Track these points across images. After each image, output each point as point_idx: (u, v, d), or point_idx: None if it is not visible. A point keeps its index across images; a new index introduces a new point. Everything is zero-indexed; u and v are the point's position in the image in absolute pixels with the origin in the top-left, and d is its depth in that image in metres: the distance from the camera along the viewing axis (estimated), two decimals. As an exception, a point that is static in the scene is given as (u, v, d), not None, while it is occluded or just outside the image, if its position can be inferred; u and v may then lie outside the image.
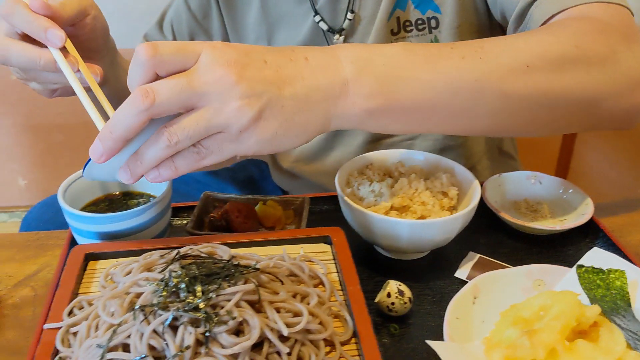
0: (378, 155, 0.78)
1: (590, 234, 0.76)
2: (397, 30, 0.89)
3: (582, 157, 1.79)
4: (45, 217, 1.02)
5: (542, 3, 0.72)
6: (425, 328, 0.63)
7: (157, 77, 0.54)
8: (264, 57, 0.56)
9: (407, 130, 0.64)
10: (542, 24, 0.70)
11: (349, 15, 0.89)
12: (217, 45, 0.55)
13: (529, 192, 0.83)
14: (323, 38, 0.92)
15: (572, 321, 0.53)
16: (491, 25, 0.89)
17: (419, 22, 0.88)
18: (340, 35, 0.91)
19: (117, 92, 0.82)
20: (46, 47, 0.65)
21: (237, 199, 0.78)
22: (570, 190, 0.81)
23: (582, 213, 0.77)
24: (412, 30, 0.88)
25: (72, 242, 0.71)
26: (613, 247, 0.73)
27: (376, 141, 0.97)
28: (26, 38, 0.66)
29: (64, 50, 0.65)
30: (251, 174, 1.24)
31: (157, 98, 0.52)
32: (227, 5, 0.99)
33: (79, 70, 0.66)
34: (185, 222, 0.79)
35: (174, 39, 1.02)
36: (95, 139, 0.56)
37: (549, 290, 0.62)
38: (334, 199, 0.80)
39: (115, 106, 0.59)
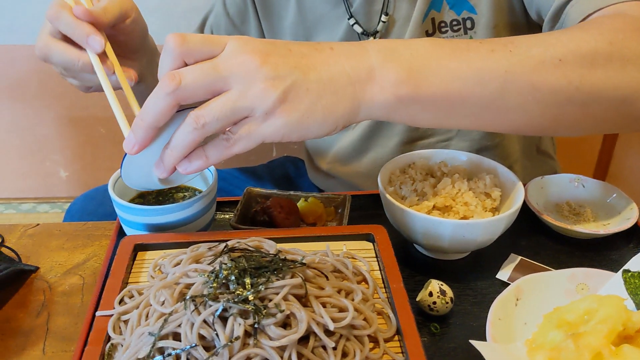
0: (420, 155, 0.78)
1: (634, 239, 0.76)
2: (432, 31, 0.88)
3: (622, 160, 1.76)
4: (88, 209, 1.05)
5: (578, 2, 0.70)
6: (466, 328, 0.63)
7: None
8: (288, 46, 0.57)
9: (435, 123, 0.64)
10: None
11: (383, 18, 0.89)
12: (242, 37, 0.56)
13: (571, 195, 0.82)
14: (358, 41, 0.92)
15: (619, 326, 0.53)
16: (529, 25, 0.88)
17: (454, 22, 0.88)
18: (375, 38, 0.91)
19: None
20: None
21: (279, 195, 0.79)
22: (614, 195, 0.80)
23: (626, 218, 0.76)
24: (447, 31, 0.88)
25: (120, 233, 0.73)
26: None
27: (412, 142, 0.97)
28: (68, 38, 0.68)
29: (102, 54, 0.68)
30: (287, 171, 1.25)
31: (183, 81, 0.53)
32: (264, 9, 1.00)
33: (114, 74, 0.68)
34: (227, 216, 0.81)
35: None
36: (129, 132, 0.58)
37: (592, 294, 0.62)
38: (373, 197, 0.81)
39: None
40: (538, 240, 0.76)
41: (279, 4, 0.98)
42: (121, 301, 0.57)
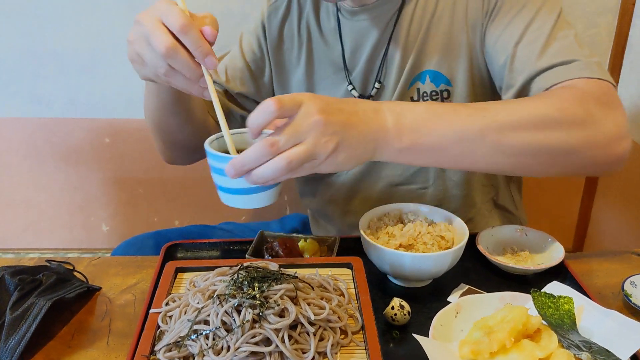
0: (394, 207, 1.01)
1: (560, 275, 0.96)
2: (416, 97, 1.11)
3: (598, 224, 1.95)
4: (130, 253, 1.28)
5: (540, 80, 0.95)
6: (420, 334, 0.83)
7: None
8: (340, 106, 0.79)
9: (427, 164, 0.88)
10: None
11: (377, 85, 1.11)
12: (310, 97, 0.75)
13: (515, 242, 1.04)
14: None
15: (519, 325, 0.74)
16: (496, 93, 1.11)
17: (433, 93, 1.10)
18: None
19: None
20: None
21: (284, 236, 1.02)
22: (549, 240, 1.02)
23: (555, 258, 0.97)
24: (427, 99, 1.11)
25: (162, 264, 0.96)
26: (577, 286, 0.92)
27: (394, 187, 1.18)
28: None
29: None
30: (295, 225, 1.49)
31: (278, 145, 0.73)
32: (277, 64, 1.20)
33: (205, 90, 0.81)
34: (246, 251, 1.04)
35: (226, 80, 1.20)
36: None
37: (513, 309, 0.83)
38: (357, 239, 1.02)
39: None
40: (486, 275, 0.98)
41: (291, 62, 1.19)
42: (167, 304, 0.80)
